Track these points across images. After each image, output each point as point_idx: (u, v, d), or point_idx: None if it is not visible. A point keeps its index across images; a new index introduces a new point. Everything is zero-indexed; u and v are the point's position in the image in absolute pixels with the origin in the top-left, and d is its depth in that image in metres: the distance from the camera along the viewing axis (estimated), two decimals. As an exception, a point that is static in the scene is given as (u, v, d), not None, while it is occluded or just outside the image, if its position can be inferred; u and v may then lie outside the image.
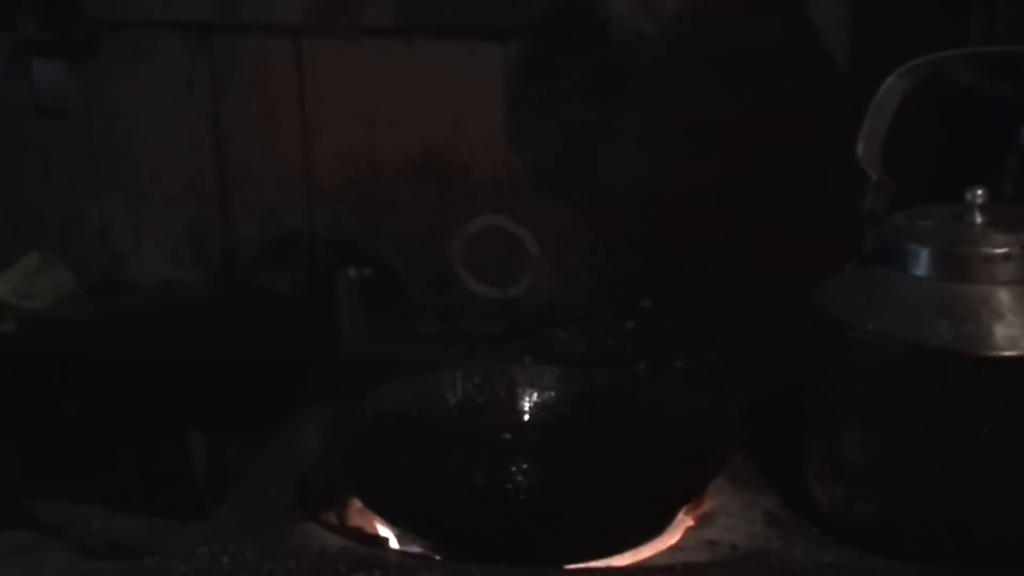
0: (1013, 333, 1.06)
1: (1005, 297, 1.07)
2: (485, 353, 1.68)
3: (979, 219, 1.12)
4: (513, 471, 1.31)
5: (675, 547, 1.17)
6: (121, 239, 2.71)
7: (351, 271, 2.16)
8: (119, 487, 2.04)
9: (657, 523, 1.18)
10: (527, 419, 1.38)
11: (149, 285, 2.69)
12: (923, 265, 1.12)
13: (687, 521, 1.22)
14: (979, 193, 1.13)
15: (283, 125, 2.66)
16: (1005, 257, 1.08)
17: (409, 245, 2.55)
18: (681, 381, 1.48)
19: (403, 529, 1.18)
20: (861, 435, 1.13)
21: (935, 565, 1.10)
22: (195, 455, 2.19)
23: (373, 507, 1.18)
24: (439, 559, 1.15)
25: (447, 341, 1.96)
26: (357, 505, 1.23)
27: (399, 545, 1.19)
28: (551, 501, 1.24)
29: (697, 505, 1.23)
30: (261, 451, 1.42)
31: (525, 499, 1.28)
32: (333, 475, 1.23)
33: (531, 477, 1.30)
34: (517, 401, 1.38)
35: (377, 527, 1.21)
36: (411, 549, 1.18)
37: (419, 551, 1.17)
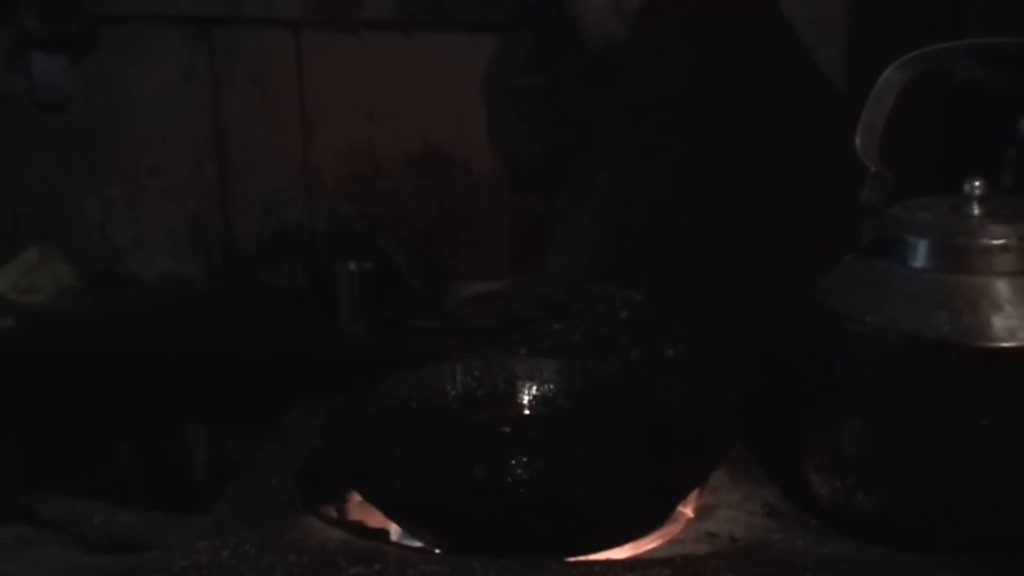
0: (1011, 324, 1.05)
1: (1003, 288, 1.07)
2: (483, 345, 1.68)
3: (977, 210, 1.12)
4: (512, 464, 1.31)
5: (675, 539, 1.17)
6: (121, 233, 2.72)
7: (351, 265, 2.17)
8: (119, 481, 2.05)
9: (657, 515, 1.18)
10: (527, 412, 1.37)
11: (149, 279, 2.70)
12: (922, 257, 1.11)
13: (687, 513, 1.22)
14: (977, 185, 1.12)
15: (283, 119, 2.67)
16: (1003, 248, 1.08)
17: (409, 238, 2.55)
18: (680, 374, 1.47)
19: (403, 522, 1.18)
20: (860, 427, 1.13)
21: (934, 556, 1.10)
22: (195, 449, 2.20)
23: (373, 500, 1.18)
24: (439, 552, 1.15)
25: (446, 334, 1.97)
26: (357, 499, 1.23)
27: (399, 539, 1.19)
28: (551, 494, 1.24)
29: (697, 497, 1.23)
30: (261, 445, 1.42)
31: (524, 492, 1.28)
32: (333, 469, 1.23)
33: (530, 470, 1.30)
34: (516, 394, 1.38)
35: (377, 521, 1.21)
36: (411, 542, 1.18)
37: (419, 544, 1.17)
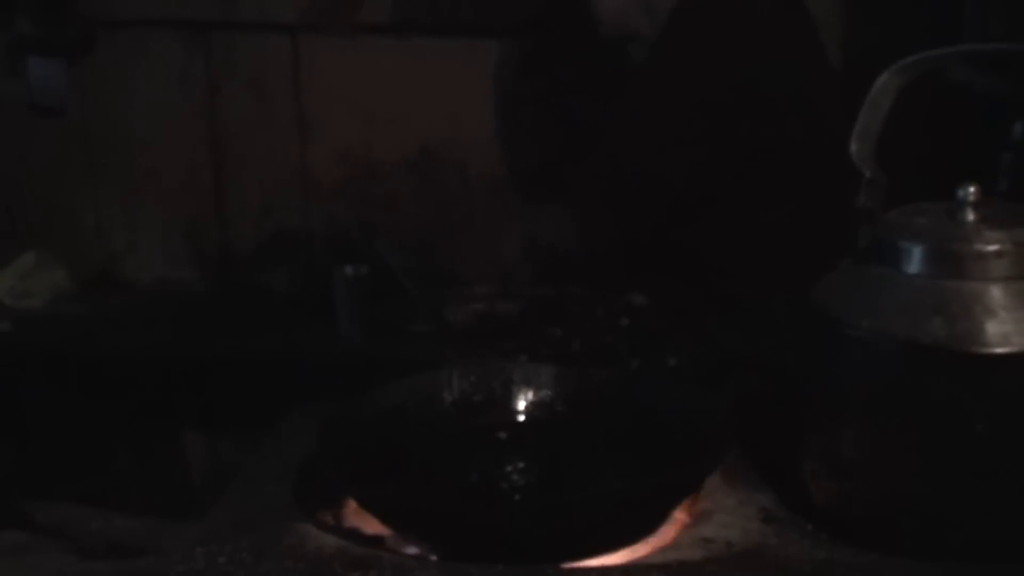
0: (1006, 330, 1.06)
1: (998, 294, 1.07)
2: (481, 351, 1.68)
3: (972, 216, 1.12)
4: (509, 470, 1.31)
5: (671, 545, 1.17)
6: (117, 237, 2.72)
7: (348, 269, 2.16)
8: (116, 486, 2.04)
9: (653, 521, 1.19)
10: (523, 418, 1.38)
11: (145, 283, 2.70)
12: (917, 262, 1.12)
13: (682, 519, 1.22)
14: (972, 190, 1.12)
15: (279, 123, 2.67)
16: (998, 254, 1.08)
17: (406, 243, 2.55)
18: (676, 379, 1.48)
19: (399, 529, 1.18)
20: (856, 432, 1.13)
21: (929, 561, 1.10)
22: (191, 454, 2.20)
23: (369, 507, 1.18)
24: (435, 559, 1.15)
25: (443, 339, 1.97)
26: (353, 505, 1.23)
27: (395, 545, 1.19)
28: (547, 500, 1.24)
29: (692, 503, 1.23)
30: (257, 450, 1.42)
31: (521, 498, 1.28)
32: (329, 474, 1.23)
33: (527, 476, 1.30)
34: (513, 399, 1.38)
35: (373, 527, 1.21)
36: (407, 549, 1.18)
37: (415, 551, 1.17)
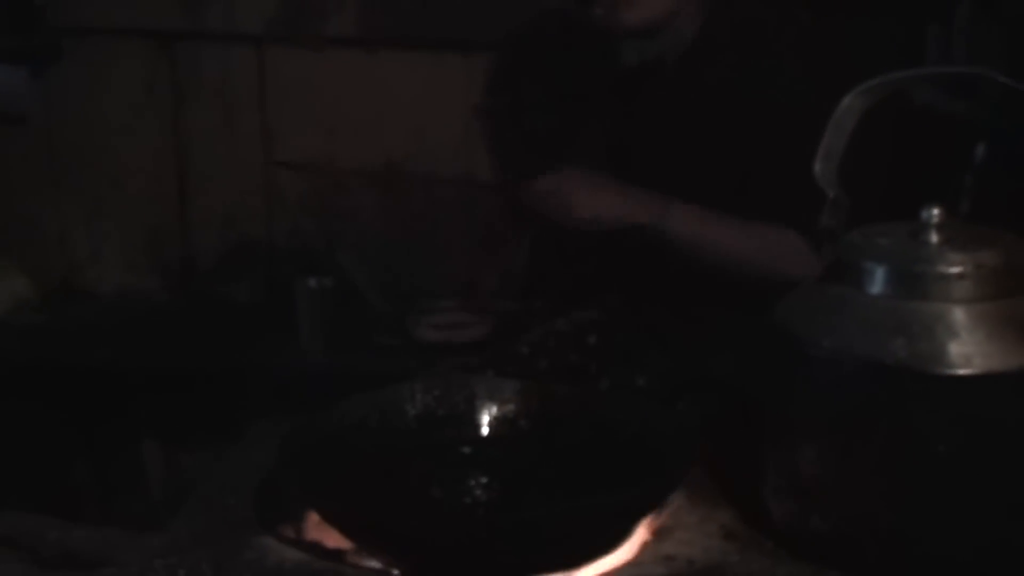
0: (967, 351, 1.06)
1: (960, 316, 1.08)
2: (445, 366, 1.68)
3: (935, 238, 1.13)
4: (472, 485, 1.30)
5: (632, 561, 1.17)
6: (79, 246, 2.70)
7: (311, 281, 2.15)
8: (74, 496, 2.02)
9: (615, 537, 1.19)
10: (486, 432, 1.37)
11: (107, 293, 2.68)
12: (879, 283, 1.12)
13: (644, 535, 1.22)
14: (935, 212, 1.13)
15: (244, 133, 2.66)
16: (960, 276, 1.09)
17: (369, 256, 2.55)
18: (641, 396, 1.48)
19: (361, 543, 1.18)
20: (816, 450, 1.14)
21: (889, 580, 1.11)
22: (150, 466, 2.18)
23: (331, 520, 1.18)
24: (397, 573, 1.15)
25: (407, 353, 1.96)
26: (315, 518, 1.23)
27: (357, 559, 1.19)
28: (510, 515, 1.24)
29: (654, 519, 1.24)
30: (218, 462, 1.41)
31: (483, 513, 1.28)
32: (290, 488, 1.22)
33: (490, 491, 1.30)
34: (476, 414, 1.38)
35: (335, 541, 1.21)
36: (369, 563, 1.17)
37: (377, 565, 1.17)
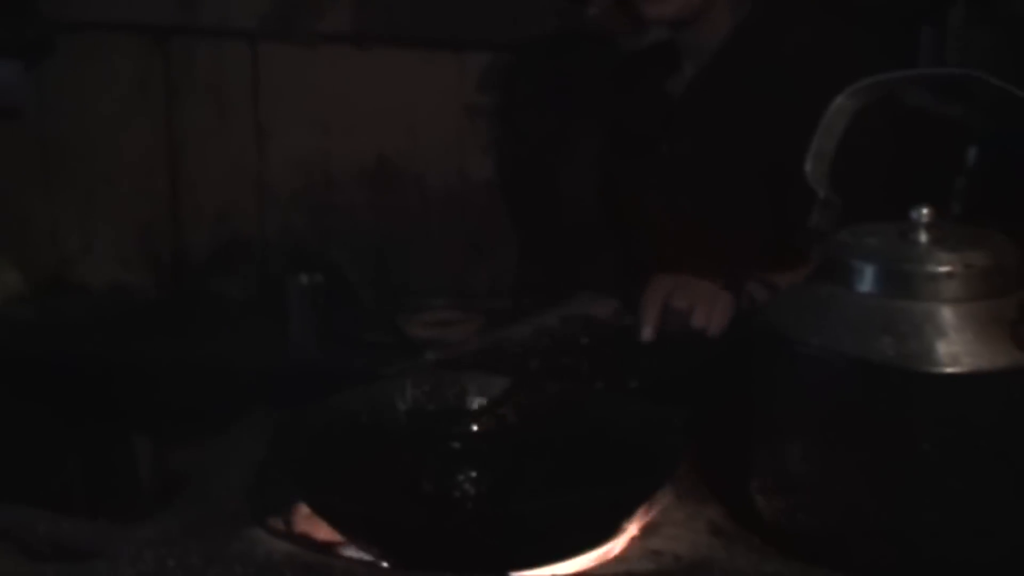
0: (955, 350, 1.07)
1: (948, 315, 1.09)
2: (435, 362, 1.68)
3: (924, 238, 1.13)
4: (461, 479, 1.31)
5: (620, 556, 1.18)
6: (71, 241, 2.70)
7: (303, 277, 2.15)
8: (64, 490, 2.02)
9: (603, 532, 1.19)
10: (476, 428, 1.38)
11: (98, 287, 2.67)
12: (868, 282, 1.13)
13: (632, 531, 1.23)
14: (925, 212, 1.14)
15: (236, 130, 2.66)
16: (949, 275, 1.10)
17: (361, 252, 2.55)
18: (630, 394, 1.48)
19: (351, 536, 1.18)
20: (803, 448, 1.15)
21: (875, 576, 1.12)
22: (142, 459, 2.18)
23: (321, 513, 1.18)
24: (386, 566, 1.15)
25: (397, 350, 1.97)
26: (305, 511, 1.23)
27: (346, 552, 1.19)
28: (499, 509, 1.24)
29: (642, 515, 1.24)
30: (209, 456, 1.41)
31: (472, 507, 1.28)
32: (281, 481, 1.23)
33: (479, 485, 1.31)
34: (466, 409, 1.39)
35: (325, 533, 1.21)
36: (359, 556, 1.18)
37: (366, 558, 1.17)
